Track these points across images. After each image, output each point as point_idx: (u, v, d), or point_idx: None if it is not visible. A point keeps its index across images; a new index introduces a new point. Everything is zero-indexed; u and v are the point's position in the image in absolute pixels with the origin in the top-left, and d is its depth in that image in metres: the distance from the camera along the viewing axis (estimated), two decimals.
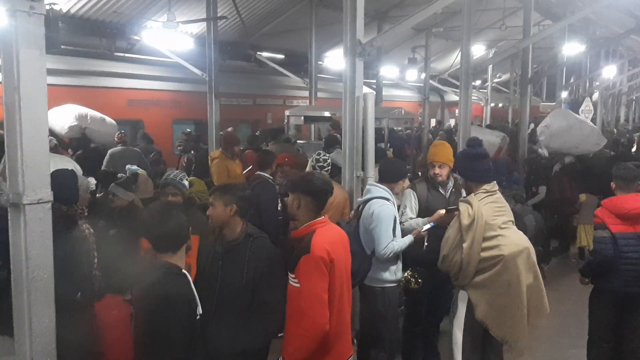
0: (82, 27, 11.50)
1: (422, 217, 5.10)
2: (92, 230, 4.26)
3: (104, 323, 4.08)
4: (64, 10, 10.95)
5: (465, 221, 4.39)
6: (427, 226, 4.81)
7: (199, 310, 2.99)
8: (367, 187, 4.96)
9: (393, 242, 4.58)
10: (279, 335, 3.55)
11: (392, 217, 4.63)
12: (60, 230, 3.61)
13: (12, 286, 3.18)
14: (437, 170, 5.19)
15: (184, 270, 2.99)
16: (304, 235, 3.44)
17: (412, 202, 5.19)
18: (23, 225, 3.06)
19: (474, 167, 4.62)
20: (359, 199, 4.99)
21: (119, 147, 10.02)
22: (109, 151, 9.94)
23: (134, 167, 7.41)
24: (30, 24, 3.07)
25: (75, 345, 3.51)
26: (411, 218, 5.14)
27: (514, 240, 4.41)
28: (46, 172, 3.16)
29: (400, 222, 5.00)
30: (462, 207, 4.49)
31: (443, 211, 4.84)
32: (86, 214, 4.42)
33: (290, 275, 3.34)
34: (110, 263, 4.26)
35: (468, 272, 4.40)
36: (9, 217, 3.15)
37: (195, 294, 2.99)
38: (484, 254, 4.36)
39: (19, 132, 3.04)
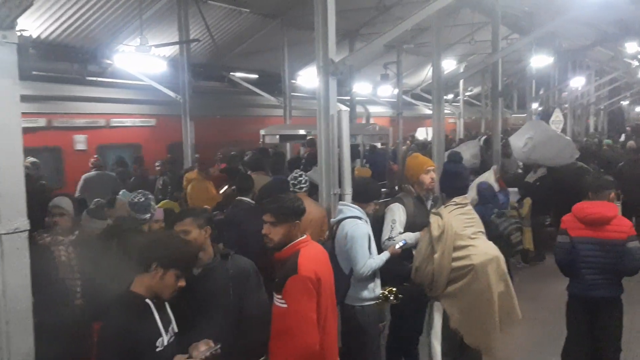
0: (53, 53, 11.42)
1: (409, 231, 5.13)
2: (70, 256, 4.23)
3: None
4: (34, 36, 10.89)
5: (435, 232, 4.47)
6: (401, 243, 4.84)
7: (162, 341, 2.91)
8: (339, 207, 4.99)
9: (370, 260, 4.61)
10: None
11: (366, 235, 4.67)
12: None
13: None
14: (433, 175, 5.21)
15: (147, 300, 2.91)
16: (289, 255, 3.45)
17: (401, 217, 5.15)
18: (0, 256, 3.03)
19: (451, 182, 4.71)
20: (332, 220, 5.00)
21: (92, 172, 9.91)
22: (83, 177, 9.84)
23: (123, 192, 7.58)
24: (3, 54, 3.06)
25: None
26: (400, 232, 5.14)
27: (484, 250, 4.50)
28: (22, 201, 3.13)
29: (391, 237, 5.00)
30: (433, 219, 4.58)
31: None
32: (51, 238, 4.32)
33: (277, 296, 3.34)
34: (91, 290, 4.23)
35: (440, 282, 4.47)
36: None
37: (159, 325, 2.92)
38: (455, 264, 4.44)
39: None
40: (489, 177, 8.32)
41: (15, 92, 3.09)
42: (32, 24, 10.75)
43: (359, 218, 4.75)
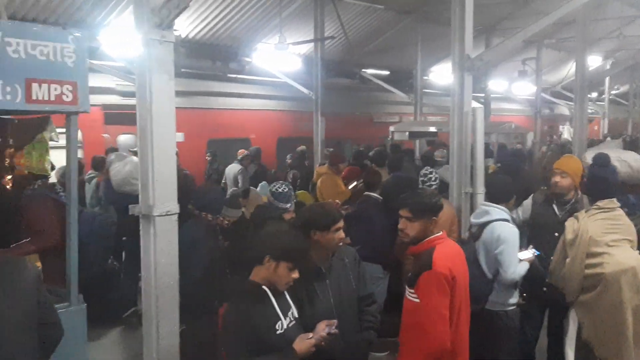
0: (198, 51, 12.21)
1: (525, 229, 4.95)
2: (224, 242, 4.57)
3: None
4: (183, 36, 11.70)
5: (569, 236, 4.24)
6: (531, 254, 4.61)
7: (281, 325, 3.04)
8: (484, 208, 4.74)
9: (520, 266, 4.42)
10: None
11: (517, 239, 4.46)
12: (203, 238, 3.90)
13: (142, 292, 3.46)
14: (557, 179, 4.93)
15: (263, 287, 3.05)
16: (423, 250, 3.46)
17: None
18: (153, 235, 3.33)
19: (595, 186, 4.45)
20: (475, 220, 4.75)
21: (230, 165, 10.64)
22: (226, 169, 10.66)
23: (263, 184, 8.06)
24: (161, 51, 3.36)
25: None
26: None
27: (620, 259, 4.12)
28: (173, 186, 3.43)
29: None
30: (569, 222, 4.34)
31: None
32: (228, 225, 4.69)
33: (409, 290, 3.36)
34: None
35: (572, 288, 4.23)
36: (140, 228, 3.44)
37: (277, 309, 3.05)
38: (588, 271, 4.17)
39: (151, 150, 3.33)
40: None
41: (171, 87, 3.39)
42: (181, 24, 11.57)
43: (508, 220, 4.58)
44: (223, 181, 10.57)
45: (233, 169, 10.50)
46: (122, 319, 6.44)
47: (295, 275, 3.09)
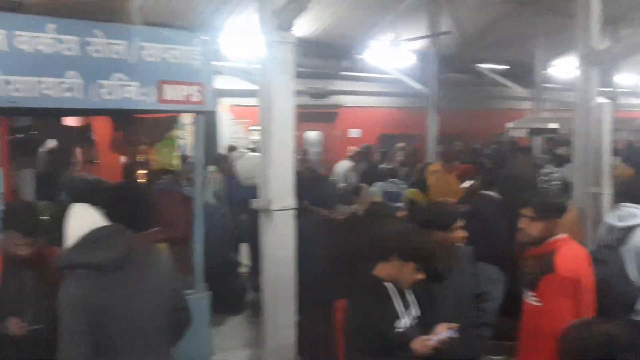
0: (311, 50, 12.43)
1: None
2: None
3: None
4: (297, 36, 11.96)
5: None
6: None
7: (401, 323, 3.00)
8: (631, 210, 4.34)
9: None
10: None
11: None
12: (319, 232, 4.03)
13: (262, 283, 3.62)
14: None
15: (384, 283, 3.03)
16: (545, 252, 3.34)
17: None
18: (272, 229, 3.48)
19: None
20: (620, 223, 4.21)
21: (342, 161, 10.76)
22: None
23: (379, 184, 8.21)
24: (282, 52, 3.49)
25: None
26: None
27: None
28: (291, 183, 3.55)
29: None
30: None
31: None
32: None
33: (530, 293, 3.25)
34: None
35: None
36: (260, 222, 3.60)
37: (397, 307, 3.02)
38: None
39: (271, 148, 3.46)
40: None
41: (291, 87, 3.51)
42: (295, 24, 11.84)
43: None
44: (332, 177, 10.70)
45: (343, 165, 10.60)
46: (241, 309, 6.72)
47: (421, 276, 3.07)
